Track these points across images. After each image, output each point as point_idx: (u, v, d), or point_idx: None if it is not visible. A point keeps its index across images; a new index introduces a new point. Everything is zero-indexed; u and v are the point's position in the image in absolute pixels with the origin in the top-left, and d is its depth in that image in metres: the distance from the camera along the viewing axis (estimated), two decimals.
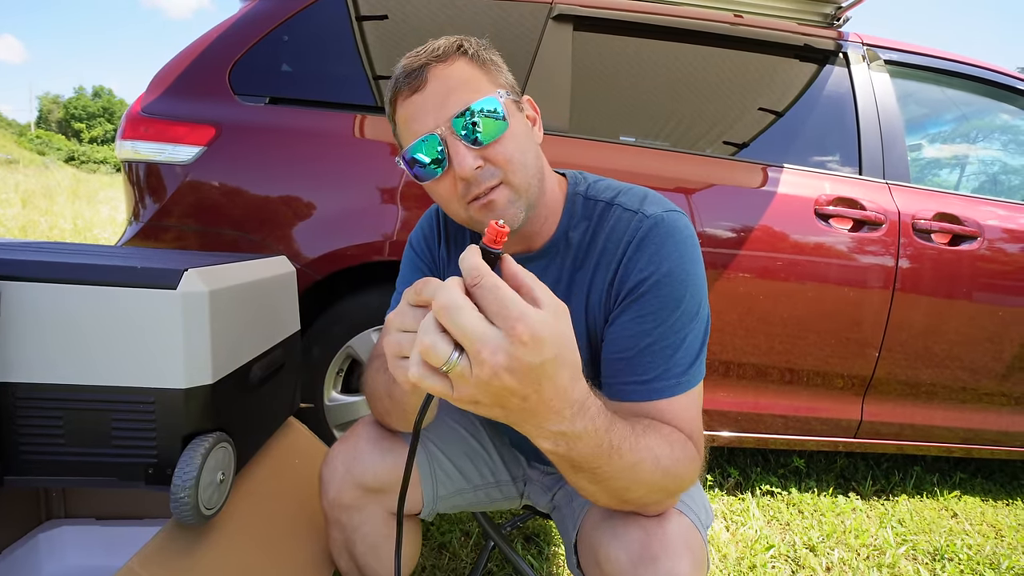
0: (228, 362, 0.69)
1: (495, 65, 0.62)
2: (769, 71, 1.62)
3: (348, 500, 0.71)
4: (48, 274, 0.60)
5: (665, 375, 0.58)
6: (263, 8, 1.45)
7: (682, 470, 0.53)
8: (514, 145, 0.59)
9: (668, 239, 0.60)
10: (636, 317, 0.60)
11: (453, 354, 0.36)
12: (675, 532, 0.55)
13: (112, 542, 0.88)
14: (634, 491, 0.51)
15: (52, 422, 0.61)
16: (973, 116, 1.90)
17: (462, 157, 0.57)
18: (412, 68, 0.59)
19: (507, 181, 0.59)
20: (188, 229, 1.37)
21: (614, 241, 0.63)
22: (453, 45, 0.60)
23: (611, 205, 0.66)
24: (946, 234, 1.47)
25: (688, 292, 0.59)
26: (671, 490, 0.54)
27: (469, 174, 0.57)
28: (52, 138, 50.51)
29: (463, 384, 0.37)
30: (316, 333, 1.39)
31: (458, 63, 0.59)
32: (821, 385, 1.50)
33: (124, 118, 1.41)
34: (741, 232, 1.41)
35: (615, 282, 0.62)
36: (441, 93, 0.58)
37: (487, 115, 0.57)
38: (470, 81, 0.59)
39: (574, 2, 1.51)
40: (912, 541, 1.45)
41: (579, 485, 0.51)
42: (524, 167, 0.60)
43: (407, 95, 0.59)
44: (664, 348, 0.58)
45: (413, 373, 0.37)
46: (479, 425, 0.87)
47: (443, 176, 0.60)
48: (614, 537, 0.55)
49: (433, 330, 0.36)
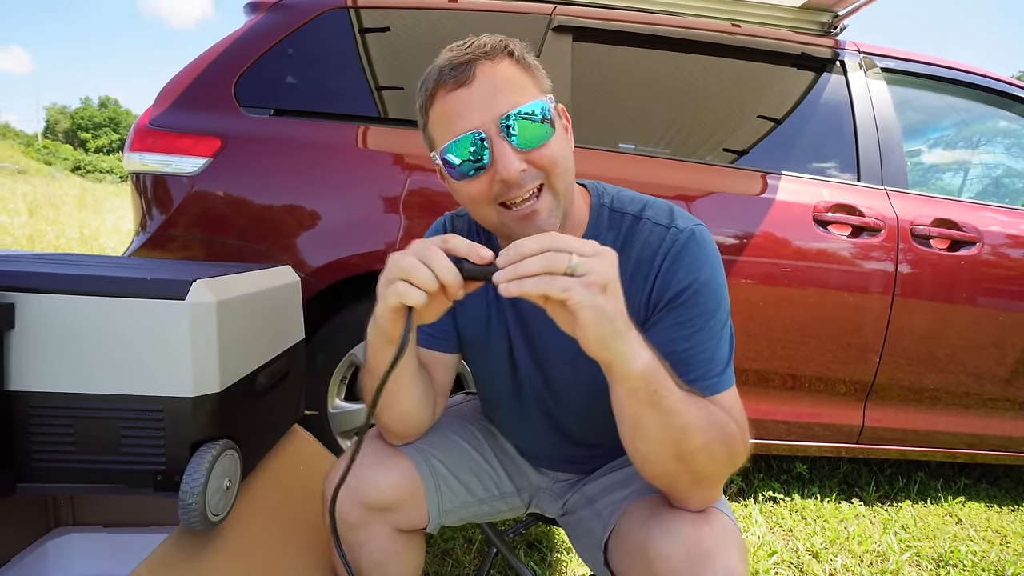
0: (235, 371, 0.70)
1: (538, 70, 0.62)
2: (767, 80, 1.64)
3: (353, 520, 0.71)
4: (61, 286, 0.62)
5: (707, 374, 0.61)
6: (268, 22, 1.48)
7: (731, 439, 0.55)
8: (559, 150, 0.60)
9: (701, 251, 0.63)
10: (676, 324, 0.62)
11: (573, 258, 0.45)
12: (723, 529, 0.56)
13: (119, 549, 0.89)
14: (692, 438, 0.52)
15: (63, 430, 0.62)
16: (970, 123, 1.91)
17: (508, 159, 0.56)
18: (459, 62, 0.57)
19: (549, 184, 0.60)
20: (194, 239, 1.39)
21: (648, 253, 0.65)
22: (500, 44, 0.59)
23: (639, 219, 0.67)
24: (945, 240, 1.48)
25: (722, 300, 0.63)
26: (721, 457, 0.55)
27: (514, 176, 0.57)
28: (59, 148, 51.05)
29: (590, 272, 0.45)
30: (320, 341, 1.40)
31: (504, 63, 0.58)
32: (823, 391, 1.50)
33: (132, 130, 1.44)
34: (741, 239, 1.42)
35: (653, 292, 0.64)
36: (489, 90, 0.57)
37: (537, 118, 0.57)
38: (517, 82, 0.58)
39: (573, 13, 1.54)
40: (916, 547, 1.44)
41: (646, 426, 0.53)
42: (567, 172, 0.61)
43: (451, 88, 0.57)
44: (704, 351, 0.61)
45: (536, 284, 0.45)
46: (481, 438, 0.87)
47: (480, 176, 0.59)
48: (666, 532, 0.56)
49: (547, 254, 0.45)
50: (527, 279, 0.45)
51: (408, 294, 0.50)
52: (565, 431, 0.79)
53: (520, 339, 0.74)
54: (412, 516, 0.75)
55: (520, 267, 0.45)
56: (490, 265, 0.48)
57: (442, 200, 1.37)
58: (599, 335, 0.47)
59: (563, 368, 0.72)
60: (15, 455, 0.62)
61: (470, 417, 0.90)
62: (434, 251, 0.50)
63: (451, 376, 0.81)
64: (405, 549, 0.76)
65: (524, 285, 0.45)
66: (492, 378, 0.80)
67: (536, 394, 0.77)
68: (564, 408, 0.76)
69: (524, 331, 0.74)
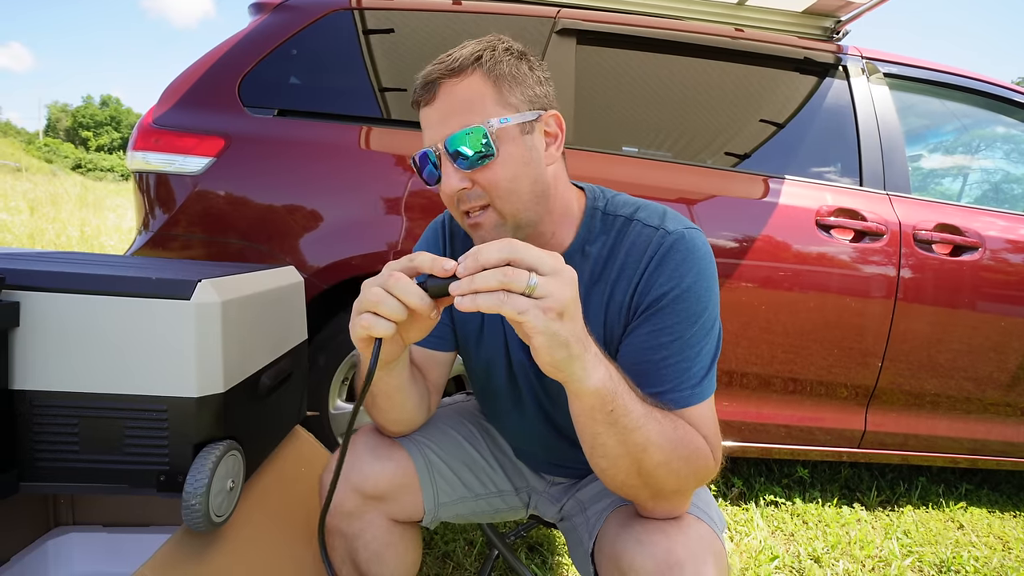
0: (239, 371, 0.70)
1: (513, 80, 0.61)
2: (770, 84, 1.64)
3: (349, 508, 0.71)
4: (66, 285, 0.61)
5: (680, 386, 0.59)
6: (273, 22, 1.48)
7: (697, 456, 0.55)
8: (503, 172, 0.60)
9: (689, 255, 0.62)
10: (654, 330, 0.61)
11: (532, 277, 0.44)
12: (697, 537, 0.55)
13: (119, 549, 0.89)
14: (652, 455, 0.52)
15: (67, 429, 0.62)
16: (970, 128, 1.91)
17: (448, 177, 0.61)
18: (428, 80, 0.61)
19: (493, 206, 0.62)
20: (197, 238, 1.39)
21: (635, 255, 0.64)
22: (471, 57, 0.59)
23: (630, 220, 0.67)
24: (947, 245, 1.48)
25: (706, 308, 0.61)
26: (684, 474, 0.54)
27: (452, 194, 0.61)
28: (59, 146, 51.09)
29: (547, 296, 0.44)
30: (322, 342, 1.40)
31: (471, 78, 0.59)
32: (824, 395, 1.50)
33: (136, 129, 1.44)
34: (743, 243, 1.42)
35: (635, 295, 0.64)
36: (444, 111, 0.60)
37: (477, 142, 0.58)
38: (476, 101, 0.59)
39: (577, 16, 1.54)
40: (918, 553, 1.44)
41: (603, 443, 0.52)
42: (512, 193, 0.61)
43: (422, 104, 0.62)
44: (680, 360, 0.59)
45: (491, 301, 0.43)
46: (477, 435, 0.87)
47: (440, 188, 0.63)
48: (638, 544, 0.56)
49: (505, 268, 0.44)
50: (481, 294, 0.44)
51: (374, 326, 0.50)
52: (560, 430, 0.79)
53: (515, 333, 0.74)
54: (407, 506, 0.75)
55: (476, 281, 0.44)
56: (453, 277, 0.47)
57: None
58: (551, 359, 0.47)
59: None
60: (19, 454, 0.62)
61: (468, 415, 0.91)
62: (396, 277, 0.49)
63: (446, 373, 0.81)
64: (401, 541, 0.76)
65: (478, 300, 0.44)
66: (488, 374, 0.80)
67: (531, 390, 0.77)
68: (558, 402, 0.76)
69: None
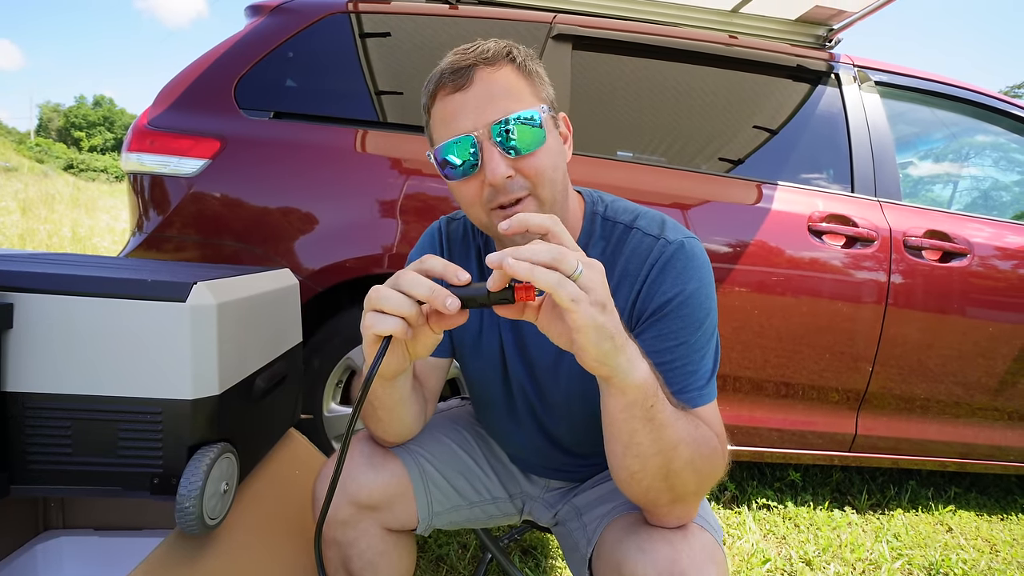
0: (234, 373, 0.70)
1: (539, 78, 0.63)
2: (763, 91, 1.66)
3: (343, 517, 0.71)
4: (60, 287, 0.61)
5: (688, 388, 0.60)
6: (269, 25, 1.49)
7: (714, 455, 0.55)
8: (548, 160, 0.61)
9: (689, 263, 0.63)
10: (659, 335, 0.61)
11: (579, 264, 0.44)
12: (700, 547, 0.55)
13: (110, 553, 0.88)
14: (681, 454, 0.52)
15: (60, 431, 0.62)
16: (959, 136, 1.94)
17: (495, 164, 0.58)
18: (459, 66, 0.59)
19: (535, 194, 0.61)
20: (191, 240, 1.38)
21: (635, 263, 0.65)
22: (503, 50, 0.60)
23: (630, 228, 0.67)
24: (937, 251, 1.50)
25: (708, 314, 0.62)
26: (705, 472, 0.55)
27: (499, 181, 0.58)
28: (51, 146, 50.59)
29: (592, 283, 0.44)
30: (316, 345, 1.40)
31: (505, 69, 0.60)
32: (816, 399, 1.51)
33: (131, 131, 1.43)
34: (736, 248, 1.43)
35: (637, 302, 0.64)
36: (484, 96, 0.58)
37: (527, 126, 0.58)
38: (514, 89, 0.59)
39: (573, 22, 1.56)
40: (908, 556, 1.45)
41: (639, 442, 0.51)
42: (553, 183, 0.62)
43: (449, 91, 0.60)
44: (687, 364, 0.61)
45: (550, 278, 0.42)
46: (472, 441, 0.87)
47: (471, 179, 0.61)
48: (640, 552, 0.55)
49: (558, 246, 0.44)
50: (539, 268, 0.42)
51: (376, 323, 0.48)
52: (555, 438, 0.79)
53: (511, 341, 0.74)
54: (401, 516, 0.75)
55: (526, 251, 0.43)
56: (467, 286, 0.46)
57: (439, 204, 1.37)
58: (598, 352, 0.46)
59: (548, 373, 0.73)
60: (11, 456, 0.62)
61: (463, 422, 0.90)
62: (403, 273, 0.48)
63: (442, 380, 0.81)
64: (395, 549, 0.76)
65: (536, 273, 0.42)
66: (484, 382, 0.80)
67: (525, 399, 0.77)
68: (553, 415, 0.76)
69: (515, 333, 0.74)
